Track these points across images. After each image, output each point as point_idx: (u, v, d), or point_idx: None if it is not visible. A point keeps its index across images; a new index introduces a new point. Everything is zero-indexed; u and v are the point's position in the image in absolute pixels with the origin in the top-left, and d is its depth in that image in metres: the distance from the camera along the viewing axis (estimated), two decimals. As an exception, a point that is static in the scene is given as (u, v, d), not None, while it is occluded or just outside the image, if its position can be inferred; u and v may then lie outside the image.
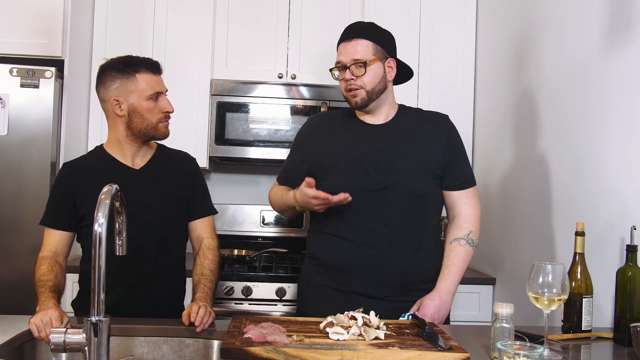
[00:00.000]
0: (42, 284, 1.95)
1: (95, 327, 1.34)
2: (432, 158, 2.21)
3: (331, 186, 2.18)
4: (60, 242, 2.13)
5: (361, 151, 2.21)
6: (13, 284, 2.93)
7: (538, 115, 2.74)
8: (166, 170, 2.24)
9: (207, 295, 2.05)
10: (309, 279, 2.32)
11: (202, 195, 2.30)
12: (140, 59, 2.15)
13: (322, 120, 2.39)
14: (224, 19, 3.56)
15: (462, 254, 2.20)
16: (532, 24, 2.87)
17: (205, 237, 2.25)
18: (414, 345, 1.66)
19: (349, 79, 2.17)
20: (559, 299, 1.67)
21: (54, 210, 2.16)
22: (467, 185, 2.26)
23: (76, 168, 2.20)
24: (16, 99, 2.94)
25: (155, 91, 2.11)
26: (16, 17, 3.07)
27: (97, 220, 1.35)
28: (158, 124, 2.14)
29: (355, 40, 2.17)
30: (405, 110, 2.31)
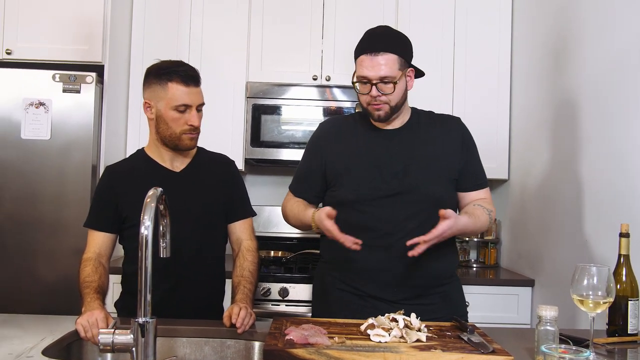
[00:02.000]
0: (86, 285, 1.98)
1: (143, 328, 1.36)
2: (446, 161, 2.18)
3: (346, 192, 2.17)
4: (104, 243, 2.16)
5: (376, 156, 2.18)
6: (55, 285, 2.99)
7: (578, 116, 2.71)
8: (206, 173, 2.26)
9: (247, 296, 2.06)
10: (322, 283, 2.31)
11: (241, 197, 2.32)
12: (178, 68, 2.13)
13: (334, 126, 2.34)
14: (259, 22, 3.59)
15: (484, 217, 2.14)
16: (572, 22, 2.83)
17: (245, 239, 2.27)
18: (457, 347, 1.65)
19: (375, 95, 2.09)
20: (604, 302, 1.64)
21: (97, 212, 2.20)
22: (484, 186, 2.25)
23: (118, 171, 2.24)
24: (58, 104, 3.01)
25: (182, 103, 2.10)
26: (58, 24, 3.15)
27: (143, 223, 1.37)
28: (181, 135, 2.13)
29: (382, 54, 2.07)
30: (418, 114, 2.27)
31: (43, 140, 3.00)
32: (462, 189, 2.22)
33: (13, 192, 3.01)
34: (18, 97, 3.00)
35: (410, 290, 2.13)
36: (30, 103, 2.99)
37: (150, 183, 2.10)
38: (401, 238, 2.04)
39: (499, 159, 3.57)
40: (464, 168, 2.20)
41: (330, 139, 2.27)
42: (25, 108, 2.99)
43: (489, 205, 2.20)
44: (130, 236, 2.16)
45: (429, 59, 3.43)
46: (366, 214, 2.11)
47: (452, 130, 2.24)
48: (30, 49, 3.13)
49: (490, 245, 3.66)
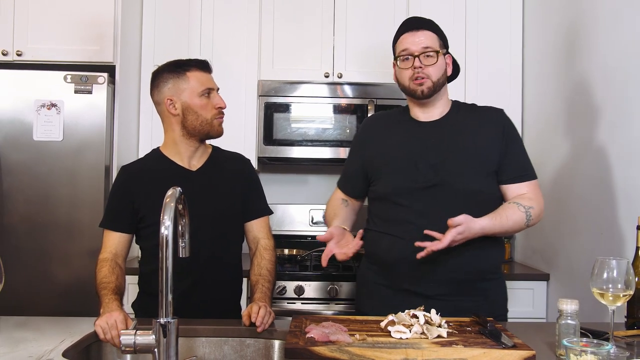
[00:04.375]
0: (104, 286, 1.98)
1: (165, 329, 1.36)
2: (486, 154, 2.15)
3: (384, 185, 2.18)
4: (120, 243, 2.16)
5: (413, 148, 2.18)
6: (70, 286, 3.00)
7: (593, 106, 2.69)
8: (222, 171, 2.26)
9: (265, 295, 2.06)
10: (364, 278, 2.32)
11: (257, 196, 2.32)
12: (189, 59, 2.21)
13: (376, 121, 2.38)
14: (270, 20, 3.58)
15: (516, 215, 2.08)
16: (583, 14, 2.82)
17: (262, 237, 2.27)
18: (478, 343, 1.64)
19: (417, 66, 2.13)
20: (624, 295, 1.63)
21: (113, 212, 2.20)
22: (528, 178, 2.17)
23: (134, 171, 2.24)
24: (70, 105, 3.01)
25: (206, 87, 2.16)
26: (68, 25, 3.15)
27: (163, 223, 1.36)
28: (213, 120, 2.17)
29: (422, 31, 2.16)
30: (459, 106, 2.27)
31: (55, 142, 3.00)
32: (502, 181, 2.17)
33: (26, 194, 3.01)
34: (30, 98, 3.00)
35: (447, 285, 2.11)
36: (42, 104, 2.99)
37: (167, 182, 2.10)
38: (438, 231, 2.01)
39: None
40: (503, 159, 2.16)
41: (371, 135, 2.31)
42: (37, 109, 2.99)
43: (530, 201, 2.12)
44: (147, 236, 2.16)
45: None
46: (403, 206, 2.12)
47: (492, 121, 2.22)
48: (41, 50, 3.13)
49: (504, 239, 3.64)
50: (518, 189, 2.16)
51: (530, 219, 2.10)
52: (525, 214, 2.08)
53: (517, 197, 2.14)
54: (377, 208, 2.23)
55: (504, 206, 2.12)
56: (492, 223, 2.03)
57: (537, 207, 2.12)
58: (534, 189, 2.17)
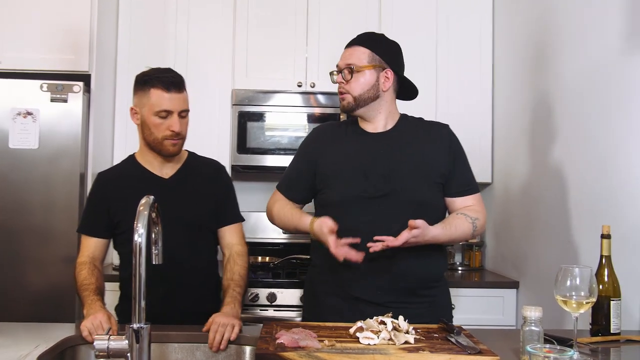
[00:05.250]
0: (85, 288, 2.03)
1: (137, 334, 1.38)
2: (432, 165, 2.22)
3: (333, 194, 2.23)
4: (97, 248, 2.21)
5: (363, 159, 2.23)
6: (44, 292, 3.00)
7: (557, 119, 2.77)
8: (195, 179, 2.29)
9: (235, 299, 2.10)
10: (312, 287, 2.35)
11: (231, 203, 2.36)
12: (160, 75, 2.18)
13: (325, 131, 2.41)
14: (244, 31, 3.62)
15: (464, 225, 2.17)
16: (550, 28, 2.90)
17: (235, 243, 2.31)
18: (444, 349, 1.69)
19: (338, 81, 2.24)
20: (587, 302, 1.68)
21: (90, 218, 2.24)
22: (472, 192, 2.27)
23: (110, 177, 2.28)
24: (46, 114, 3.02)
25: (163, 109, 2.14)
26: (45, 34, 3.16)
27: (136, 230, 1.40)
28: (163, 140, 2.17)
29: (354, 47, 2.24)
30: (407, 119, 2.33)
31: (31, 150, 3.01)
32: (449, 194, 2.26)
33: (1, 201, 3.01)
34: (6, 106, 3.00)
35: (397, 292, 2.16)
36: (18, 112, 3.00)
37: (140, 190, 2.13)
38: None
39: (482, 162, 3.61)
40: (450, 174, 2.24)
41: (321, 143, 2.33)
42: (13, 118, 3.00)
43: (476, 213, 2.21)
44: (123, 242, 2.20)
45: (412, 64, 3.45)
46: (352, 216, 2.15)
47: (439, 136, 2.28)
48: (18, 59, 3.14)
49: (475, 248, 3.71)
50: (463, 201, 2.25)
51: (475, 229, 2.20)
52: (472, 225, 2.18)
53: (463, 208, 2.23)
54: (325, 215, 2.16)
55: (452, 216, 2.21)
56: (443, 232, 2.10)
57: (481, 218, 2.23)
58: (478, 202, 2.27)
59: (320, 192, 2.29)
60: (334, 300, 2.22)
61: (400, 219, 2.08)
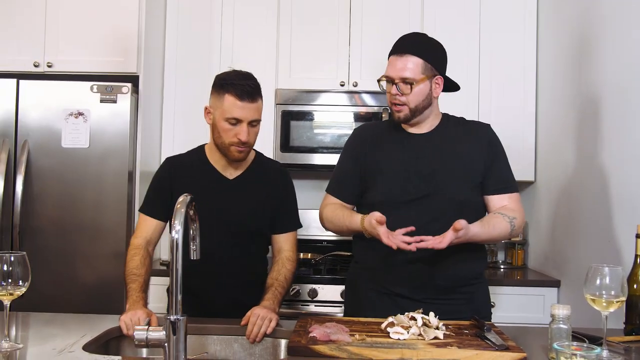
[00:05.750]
0: (133, 279, 2.10)
1: (174, 326, 1.46)
2: (472, 165, 2.24)
3: (377, 194, 2.26)
4: (155, 230, 2.27)
5: (405, 160, 2.25)
6: (94, 286, 3.14)
7: (601, 116, 2.74)
8: (258, 183, 2.32)
9: (276, 297, 2.14)
10: (354, 283, 2.40)
11: (289, 209, 2.39)
12: (237, 81, 2.17)
13: (368, 131, 2.42)
14: (287, 31, 3.68)
15: (502, 225, 2.16)
16: (594, 24, 2.87)
17: (287, 249, 2.34)
18: (472, 345, 1.72)
19: (394, 94, 2.20)
20: (617, 301, 1.69)
21: (153, 199, 2.30)
22: (510, 190, 2.26)
23: (178, 164, 2.33)
24: (96, 114, 3.17)
25: (233, 116, 2.15)
26: (95, 38, 3.31)
27: (174, 227, 1.47)
28: (230, 146, 2.19)
29: (406, 56, 2.18)
30: (449, 119, 2.34)
31: (82, 149, 3.15)
32: (486, 192, 2.27)
33: (54, 198, 3.16)
34: (59, 107, 3.16)
35: (435, 289, 2.20)
36: (70, 113, 3.14)
37: (204, 186, 2.23)
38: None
39: (526, 161, 3.59)
40: (488, 172, 2.25)
41: (364, 144, 2.35)
42: (66, 118, 3.14)
43: (514, 212, 2.21)
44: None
45: (455, 63, 3.48)
46: (393, 215, 2.16)
47: (479, 135, 2.30)
48: (69, 62, 3.30)
49: (517, 246, 3.69)
50: (500, 200, 2.25)
51: (513, 229, 2.20)
52: (510, 224, 2.18)
53: (501, 208, 2.24)
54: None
55: (490, 216, 2.22)
56: (482, 231, 2.12)
57: (519, 217, 2.22)
58: (515, 201, 2.27)
59: (364, 192, 2.33)
60: (374, 295, 2.27)
61: (442, 219, 2.13)
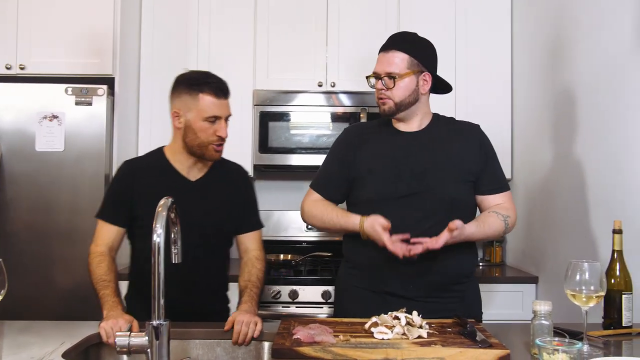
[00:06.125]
0: (105, 285, 2.05)
1: (157, 331, 1.44)
2: (464, 164, 2.25)
3: (368, 192, 2.27)
4: (117, 237, 2.22)
5: (395, 158, 2.27)
6: (71, 291, 3.08)
7: (575, 115, 2.77)
8: (220, 185, 2.31)
9: (252, 298, 2.13)
10: (344, 282, 2.40)
11: (252, 210, 2.39)
12: (209, 80, 2.19)
13: (358, 130, 2.44)
14: (264, 31, 3.67)
15: (497, 223, 2.20)
16: (567, 24, 2.91)
17: (254, 249, 2.34)
18: (456, 342, 1.73)
19: (379, 89, 2.24)
20: (596, 296, 1.71)
21: (112, 204, 2.24)
22: (503, 190, 2.30)
23: (137, 168, 2.29)
24: (71, 117, 3.12)
25: (213, 115, 2.16)
26: (69, 39, 3.26)
27: (155, 231, 1.45)
28: (209, 145, 2.18)
29: (392, 52, 2.23)
30: (439, 119, 2.37)
31: (57, 152, 3.10)
32: (480, 192, 2.29)
33: (29, 202, 3.11)
34: (32, 110, 3.10)
35: (428, 288, 2.21)
36: (44, 116, 3.10)
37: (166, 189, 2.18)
38: (416, 236, 2.10)
39: (502, 158, 3.49)
40: (481, 172, 2.27)
41: (354, 143, 2.36)
42: (40, 121, 3.09)
43: (507, 210, 2.25)
44: (140, 235, 2.22)
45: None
46: (384, 213, 2.17)
47: (470, 135, 2.32)
48: (43, 64, 3.24)
49: (495, 243, 3.72)
50: (494, 199, 2.29)
51: (507, 227, 2.24)
52: (504, 222, 2.21)
53: (494, 206, 2.26)
54: (358, 213, 2.24)
55: (484, 214, 2.24)
56: (477, 230, 2.15)
57: (512, 215, 2.26)
58: (508, 200, 2.31)
59: (355, 190, 2.33)
60: (366, 294, 2.27)
61: (432, 216, 2.18)
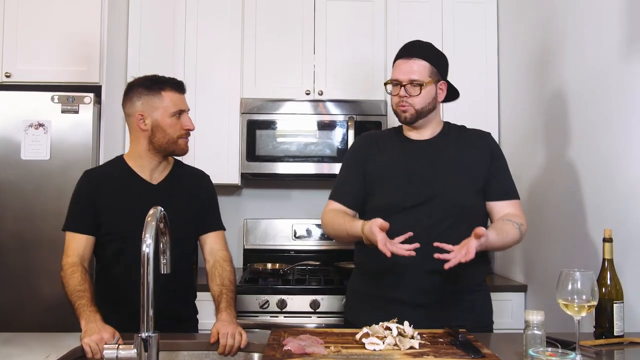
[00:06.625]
0: (80, 296, 2.01)
1: (146, 343, 1.42)
2: (474, 171, 2.26)
3: (379, 199, 2.28)
4: (86, 246, 2.19)
5: (407, 165, 2.28)
6: (56, 302, 3.02)
7: (562, 123, 2.78)
8: (182, 186, 2.33)
9: (229, 304, 2.11)
10: (354, 289, 2.41)
11: (214, 211, 2.39)
12: (166, 78, 2.26)
13: (371, 138, 2.45)
14: (252, 40, 3.67)
15: (512, 231, 2.18)
16: (553, 34, 2.92)
17: (219, 249, 2.32)
18: (448, 353, 1.72)
19: (402, 96, 2.23)
20: (589, 305, 1.70)
21: (77, 215, 2.23)
22: (512, 197, 2.30)
23: (97, 176, 2.30)
24: (58, 125, 3.08)
25: (178, 109, 2.22)
26: (55, 47, 3.22)
27: (144, 241, 1.44)
28: (178, 139, 2.23)
29: (414, 59, 2.24)
30: (450, 127, 2.38)
31: (43, 161, 3.06)
32: (489, 199, 2.29)
33: (14, 211, 3.07)
34: (18, 118, 3.06)
35: (438, 296, 2.19)
36: (30, 124, 3.06)
37: (128, 193, 2.21)
38: (427, 243, 2.10)
39: None
40: (490, 178, 2.28)
41: (367, 151, 2.38)
42: (25, 129, 3.06)
43: (519, 219, 2.24)
44: (104, 244, 2.22)
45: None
46: (395, 220, 2.16)
47: (481, 143, 2.33)
48: (29, 72, 3.20)
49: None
50: (503, 206, 2.28)
51: (521, 236, 2.23)
52: (518, 231, 2.21)
53: (508, 215, 2.25)
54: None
55: (502, 222, 2.21)
56: (497, 238, 2.12)
57: (525, 224, 2.26)
58: (518, 208, 2.30)
59: (367, 198, 2.34)
60: (376, 302, 2.26)
61: (443, 223, 2.19)
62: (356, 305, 2.39)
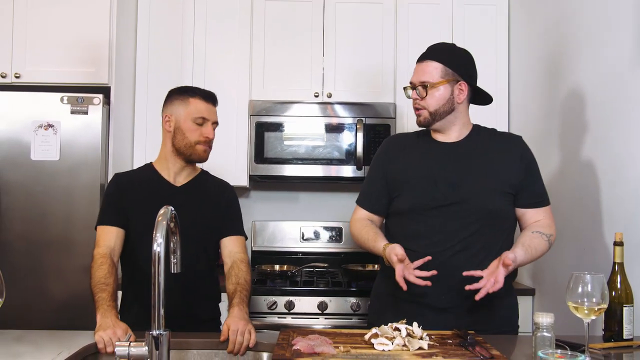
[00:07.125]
0: (102, 289, 2.05)
1: (157, 341, 1.43)
2: (503, 176, 2.23)
3: (404, 202, 2.27)
4: (117, 238, 2.24)
5: (433, 167, 2.26)
6: (66, 301, 3.06)
7: (574, 127, 2.78)
8: (205, 192, 2.37)
9: (242, 301, 2.13)
10: (378, 291, 2.41)
11: (236, 217, 2.42)
12: (199, 88, 2.39)
13: (396, 141, 2.46)
14: (261, 42, 3.67)
15: (542, 246, 2.18)
16: (565, 38, 2.91)
17: (238, 251, 2.34)
18: (457, 354, 1.72)
19: (414, 98, 2.26)
20: (598, 309, 1.70)
21: (109, 211, 2.29)
22: (544, 204, 2.28)
23: (125, 179, 2.37)
24: (67, 126, 3.10)
25: (201, 116, 2.29)
26: (65, 48, 3.24)
27: (155, 240, 1.44)
28: (196, 144, 2.29)
29: (426, 62, 2.25)
30: (479, 130, 2.36)
31: (52, 161, 3.08)
32: (520, 205, 2.27)
33: (23, 212, 3.08)
34: (27, 119, 3.08)
35: (459, 299, 2.16)
36: (40, 125, 3.07)
37: (151, 193, 2.27)
38: (452, 246, 2.13)
39: None
40: (522, 185, 2.25)
41: (392, 153, 2.38)
42: (35, 130, 3.07)
43: (549, 228, 2.23)
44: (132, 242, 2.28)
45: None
46: (420, 223, 2.19)
47: (512, 147, 2.31)
48: (38, 73, 3.22)
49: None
50: (535, 213, 2.27)
51: (550, 246, 2.22)
52: (547, 242, 2.20)
53: (536, 224, 2.24)
54: (395, 223, 2.32)
55: (531, 237, 2.19)
56: (526, 257, 2.13)
57: (554, 233, 2.25)
58: (549, 215, 2.29)
59: (392, 201, 2.34)
60: (400, 304, 2.25)
61: (470, 227, 2.17)
62: (378, 306, 2.39)
